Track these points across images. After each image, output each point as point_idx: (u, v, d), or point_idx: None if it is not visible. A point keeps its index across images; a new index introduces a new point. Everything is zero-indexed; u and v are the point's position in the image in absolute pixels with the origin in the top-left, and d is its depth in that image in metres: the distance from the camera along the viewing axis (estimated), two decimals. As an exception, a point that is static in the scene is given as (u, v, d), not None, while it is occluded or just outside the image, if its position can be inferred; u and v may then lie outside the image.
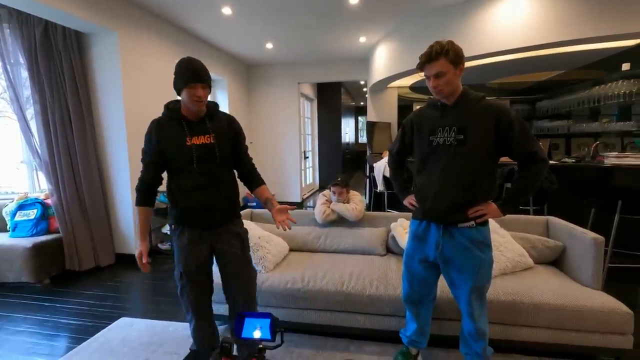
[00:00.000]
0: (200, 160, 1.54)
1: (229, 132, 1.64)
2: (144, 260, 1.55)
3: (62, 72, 3.20)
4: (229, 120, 1.68)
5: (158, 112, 1.63)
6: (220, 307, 2.07)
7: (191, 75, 1.47)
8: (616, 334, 1.78)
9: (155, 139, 1.55)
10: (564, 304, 1.81)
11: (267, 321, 1.14)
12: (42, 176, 3.36)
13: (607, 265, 2.73)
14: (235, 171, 1.74)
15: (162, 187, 1.66)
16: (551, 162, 3.51)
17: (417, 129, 1.64)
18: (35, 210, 3.23)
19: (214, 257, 1.71)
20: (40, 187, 3.64)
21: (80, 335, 2.27)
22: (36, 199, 3.31)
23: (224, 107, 5.54)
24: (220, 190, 1.61)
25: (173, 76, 1.53)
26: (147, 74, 3.74)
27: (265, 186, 1.75)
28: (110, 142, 3.51)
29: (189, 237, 1.60)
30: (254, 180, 1.74)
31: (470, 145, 1.48)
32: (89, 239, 3.39)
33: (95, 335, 2.24)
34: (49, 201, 3.28)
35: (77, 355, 2.03)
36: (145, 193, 1.62)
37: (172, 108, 1.58)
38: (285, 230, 1.59)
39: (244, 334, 1.14)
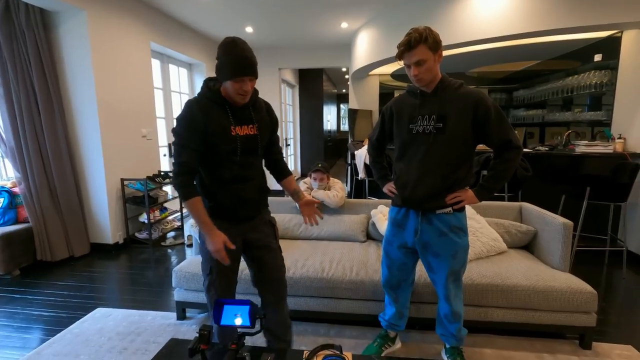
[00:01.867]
0: (243, 152, 1.43)
1: (270, 124, 1.56)
2: (230, 247, 1.39)
3: (26, 53, 3.01)
4: (268, 109, 1.57)
5: (132, 94, 1.54)
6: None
7: (242, 68, 1.30)
8: (581, 312, 1.88)
9: (202, 124, 1.34)
10: (534, 286, 1.90)
11: (247, 308, 1.14)
12: (8, 163, 3.19)
13: (575, 248, 2.87)
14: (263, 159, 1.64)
15: (138, 175, 1.59)
16: (525, 150, 3.62)
17: (397, 117, 1.63)
18: (1, 200, 3.08)
19: (244, 250, 1.60)
20: (7, 174, 3.47)
21: (54, 327, 2.21)
22: (2, 187, 3.14)
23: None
24: (256, 182, 1.52)
25: (216, 61, 1.35)
26: (119, 55, 3.56)
27: (293, 177, 1.70)
28: (81, 126, 3.36)
29: (223, 230, 1.43)
30: (282, 171, 1.68)
31: (449, 134, 1.49)
32: (61, 228, 3.27)
33: (70, 327, 2.18)
34: (16, 189, 3.13)
35: (51, 347, 1.98)
36: (191, 180, 1.42)
37: (213, 88, 1.40)
38: (312, 225, 1.54)
39: (224, 321, 1.14)
